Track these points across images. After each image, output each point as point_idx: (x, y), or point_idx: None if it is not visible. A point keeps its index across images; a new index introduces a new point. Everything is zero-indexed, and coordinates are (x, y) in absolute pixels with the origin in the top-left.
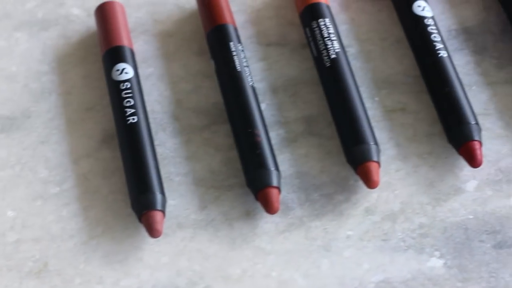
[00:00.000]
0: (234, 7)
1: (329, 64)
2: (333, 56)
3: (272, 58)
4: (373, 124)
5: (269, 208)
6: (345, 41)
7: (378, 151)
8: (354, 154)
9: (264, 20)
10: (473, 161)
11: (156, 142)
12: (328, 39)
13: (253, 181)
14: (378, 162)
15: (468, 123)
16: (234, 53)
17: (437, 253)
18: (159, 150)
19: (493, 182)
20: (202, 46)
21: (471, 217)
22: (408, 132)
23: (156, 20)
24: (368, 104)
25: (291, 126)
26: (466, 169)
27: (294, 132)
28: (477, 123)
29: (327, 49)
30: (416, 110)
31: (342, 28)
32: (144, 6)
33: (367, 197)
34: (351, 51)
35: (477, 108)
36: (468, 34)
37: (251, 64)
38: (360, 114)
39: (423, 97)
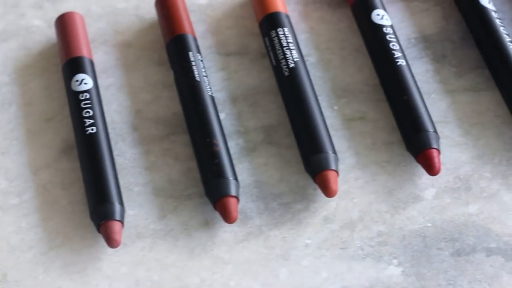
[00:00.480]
0: (194, 17)
1: (287, 73)
2: (291, 65)
3: (232, 68)
4: (332, 133)
5: (227, 217)
6: (304, 50)
7: (336, 159)
8: (312, 163)
9: (224, 30)
10: (431, 169)
11: (115, 152)
12: (287, 48)
13: (211, 190)
14: (336, 171)
15: (426, 131)
16: (193, 63)
17: (395, 261)
18: (118, 160)
19: (452, 189)
20: (162, 56)
21: (429, 225)
22: (367, 140)
23: (116, 30)
24: (327, 113)
25: (250, 136)
26: (424, 177)
27: (253, 141)
28: (435, 131)
29: (285, 58)
30: (375, 119)
31: (302, 37)
32: (104, 17)
33: (326, 206)
34: (311, 60)
35: (436, 116)
36: (428, 42)
37: (211, 74)
38: (318, 123)
39: (382, 106)
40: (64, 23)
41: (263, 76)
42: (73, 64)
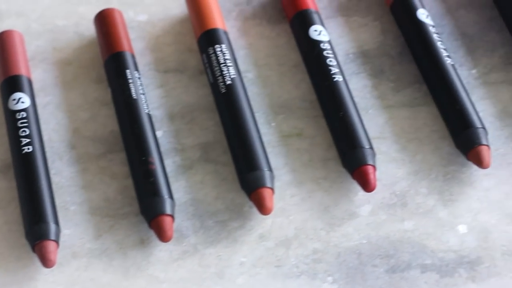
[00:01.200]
0: (133, 34)
1: (224, 90)
2: (228, 82)
3: (170, 85)
4: (269, 149)
5: (162, 236)
6: (243, 67)
7: (272, 177)
8: (248, 180)
9: (163, 47)
10: (366, 185)
11: (52, 171)
12: (224, 65)
13: (146, 209)
14: (271, 188)
15: (361, 147)
16: (130, 81)
17: (330, 279)
18: (55, 179)
19: (388, 206)
20: (100, 74)
21: (364, 241)
22: (303, 157)
23: (56, 48)
24: (264, 129)
25: (187, 153)
26: (360, 193)
27: (190, 159)
28: (371, 147)
29: (222, 75)
30: (312, 135)
31: (241, 53)
32: (44, 34)
33: (262, 223)
34: (249, 76)
35: (373, 132)
36: (366, 58)
37: (149, 91)
38: (254, 140)
39: (319, 122)
40: (2, 42)
41: (201, 93)
42: (11, 83)
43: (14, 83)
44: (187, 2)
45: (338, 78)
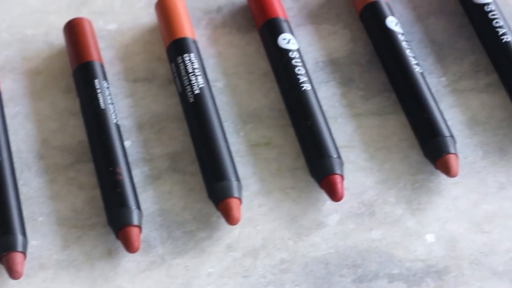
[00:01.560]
0: (102, 43)
1: (192, 100)
2: (196, 91)
3: (139, 95)
4: (237, 159)
5: (129, 247)
6: (212, 76)
7: (240, 187)
8: (215, 190)
9: (132, 56)
10: (334, 195)
11: (21, 182)
12: (192, 75)
13: (114, 220)
14: (239, 198)
15: (329, 157)
16: (99, 91)
17: None
18: (23, 190)
19: (356, 215)
20: (69, 84)
21: (332, 251)
22: (272, 166)
23: (25, 57)
24: (233, 139)
25: (155, 163)
26: (328, 203)
27: (158, 169)
28: (338, 156)
29: (191, 85)
30: (280, 144)
31: (210, 62)
32: (13, 44)
33: (230, 234)
34: (218, 85)
35: (341, 141)
36: (335, 66)
37: (118, 101)
38: (222, 150)
39: (288, 131)
40: None
41: (169, 103)
42: None
43: None
44: (157, 11)
45: (307, 87)
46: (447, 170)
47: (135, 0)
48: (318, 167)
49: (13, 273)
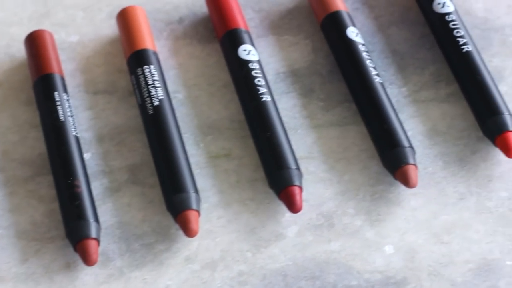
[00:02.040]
0: (63, 55)
1: (152, 112)
2: (156, 103)
3: (100, 107)
4: (197, 171)
5: (87, 260)
6: (172, 87)
7: (198, 199)
8: (173, 203)
9: (93, 68)
10: (292, 206)
11: None
12: (152, 86)
13: (72, 232)
14: (197, 211)
15: (288, 168)
16: (58, 103)
17: None
18: None
19: (314, 227)
20: (30, 96)
21: (290, 263)
22: (231, 178)
23: None
24: (192, 150)
25: (115, 175)
26: (287, 214)
27: (117, 181)
28: (297, 168)
29: (150, 97)
30: (240, 156)
31: (171, 74)
32: None
33: (188, 246)
34: (179, 97)
35: (301, 152)
36: (296, 77)
37: (78, 113)
38: (181, 162)
39: (247, 142)
40: None
41: (129, 115)
42: None
43: None
44: (118, 23)
45: (266, 98)
46: (406, 181)
47: (97, 12)
48: (277, 178)
49: None
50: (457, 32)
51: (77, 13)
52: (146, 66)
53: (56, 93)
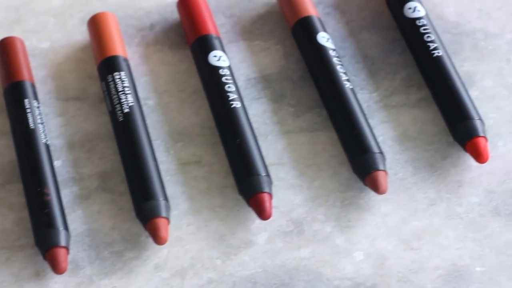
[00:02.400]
0: (34, 62)
1: (122, 119)
2: (126, 110)
3: (70, 113)
4: (167, 178)
5: (56, 268)
6: (143, 94)
7: (168, 206)
8: (143, 210)
9: (64, 74)
10: (262, 213)
11: None
12: (122, 93)
13: (41, 241)
14: (167, 218)
15: (258, 175)
16: (29, 111)
17: None
18: None
19: (284, 233)
20: (0, 103)
21: (260, 270)
22: (201, 185)
23: None
24: (163, 157)
25: (85, 183)
26: (257, 221)
27: (88, 188)
28: (267, 175)
29: (120, 103)
30: (210, 163)
31: (142, 80)
32: None
33: (158, 253)
34: (150, 103)
35: (271, 158)
36: (267, 82)
37: (49, 120)
38: (150, 169)
39: (218, 149)
40: None
41: (100, 121)
42: None
43: None
44: (89, 29)
45: (236, 104)
46: (376, 187)
47: (68, 18)
48: (246, 185)
49: None
50: (428, 36)
51: (48, 19)
52: (116, 73)
53: (26, 101)
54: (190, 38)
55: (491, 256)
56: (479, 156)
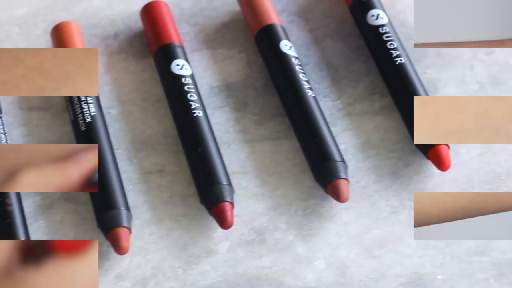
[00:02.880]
0: None
1: (84, 128)
2: (88, 119)
3: (33, 123)
4: (129, 187)
5: None
6: (106, 103)
7: (129, 216)
8: (104, 220)
9: None
10: (223, 223)
11: None
12: (85, 102)
13: None
14: (128, 228)
15: (219, 184)
16: None
17: None
18: None
19: (246, 242)
20: None
21: (221, 279)
22: (163, 194)
23: None
24: (125, 167)
25: (47, 193)
26: (219, 230)
27: (50, 198)
28: (229, 184)
29: (82, 113)
30: (173, 172)
31: (105, 89)
32: None
33: (120, 263)
34: (113, 112)
35: (234, 167)
36: (230, 91)
37: (12, 130)
38: (112, 179)
39: (180, 158)
40: None
41: (63, 131)
42: None
43: None
44: (52, 38)
45: (198, 113)
46: (337, 196)
47: (33, 27)
48: (208, 194)
49: None
50: (391, 44)
51: (12, 28)
52: None
53: None
54: (153, 46)
55: (452, 264)
56: (441, 163)
